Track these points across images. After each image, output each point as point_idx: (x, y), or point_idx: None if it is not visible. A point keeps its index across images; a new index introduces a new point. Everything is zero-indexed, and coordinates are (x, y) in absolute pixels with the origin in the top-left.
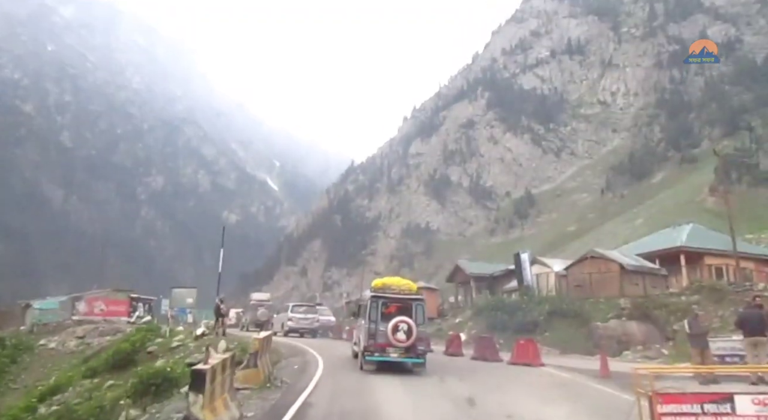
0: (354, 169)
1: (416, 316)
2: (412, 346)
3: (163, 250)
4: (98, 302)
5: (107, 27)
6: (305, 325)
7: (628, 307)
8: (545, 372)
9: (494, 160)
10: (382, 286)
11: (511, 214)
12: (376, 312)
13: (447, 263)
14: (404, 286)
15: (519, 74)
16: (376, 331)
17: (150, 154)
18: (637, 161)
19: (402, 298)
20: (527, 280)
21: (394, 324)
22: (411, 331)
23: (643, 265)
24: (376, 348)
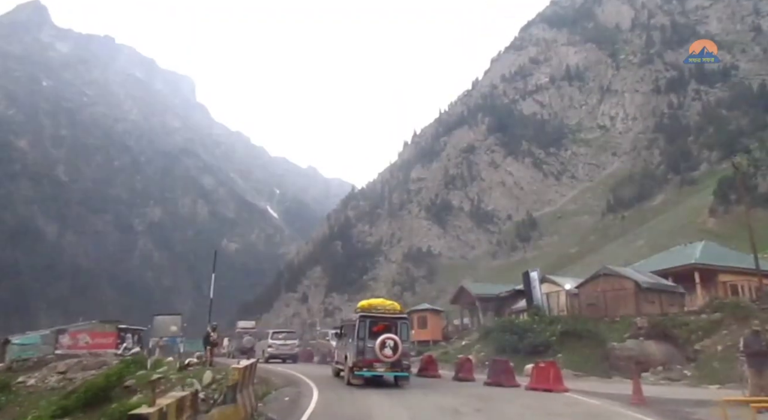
0: (355, 195)
1: (401, 334)
2: (398, 361)
3: (160, 282)
4: (83, 335)
5: (105, 61)
6: (285, 350)
7: (645, 327)
8: (571, 399)
9: (495, 184)
10: (368, 306)
11: (512, 237)
12: (365, 330)
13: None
14: (389, 307)
15: (519, 100)
16: (364, 348)
17: (148, 185)
18: (637, 184)
19: (388, 317)
20: (537, 300)
21: (381, 341)
22: (397, 347)
23: (659, 282)
24: (365, 364)
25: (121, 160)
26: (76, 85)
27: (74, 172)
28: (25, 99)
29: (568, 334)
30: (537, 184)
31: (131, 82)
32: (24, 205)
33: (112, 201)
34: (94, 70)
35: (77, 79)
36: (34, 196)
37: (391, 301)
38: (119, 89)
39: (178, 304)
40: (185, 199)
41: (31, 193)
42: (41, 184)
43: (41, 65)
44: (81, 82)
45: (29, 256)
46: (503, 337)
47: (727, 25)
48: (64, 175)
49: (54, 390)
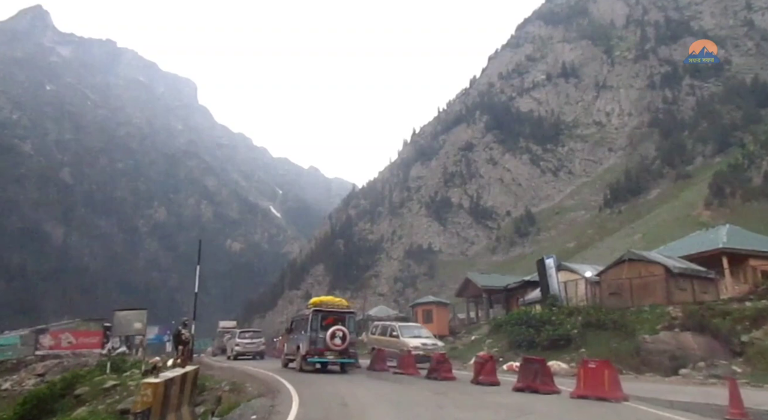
0: (355, 194)
1: (349, 326)
2: (346, 349)
3: (166, 282)
4: (65, 334)
5: (107, 65)
6: (251, 348)
7: (679, 316)
8: (640, 413)
9: (494, 180)
10: (320, 303)
11: (511, 232)
12: (317, 323)
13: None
14: (338, 303)
15: (516, 97)
16: (316, 339)
17: (152, 187)
18: (633, 178)
19: (337, 311)
20: (554, 289)
21: (332, 332)
22: (345, 337)
23: (689, 267)
24: (316, 352)
25: (125, 163)
26: (79, 89)
27: (79, 175)
28: (29, 103)
29: (591, 326)
30: (535, 180)
31: (134, 85)
32: (30, 208)
33: (116, 203)
34: (97, 74)
35: (80, 83)
36: (40, 199)
37: (339, 298)
38: (122, 93)
39: (183, 303)
40: (189, 200)
41: (37, 196)
42: (47, 187)
43: (44, 70)
44: (84, 86)
45: (36, 258)
46: (518, 330)
47: (720, 20)
48: (69, 178)
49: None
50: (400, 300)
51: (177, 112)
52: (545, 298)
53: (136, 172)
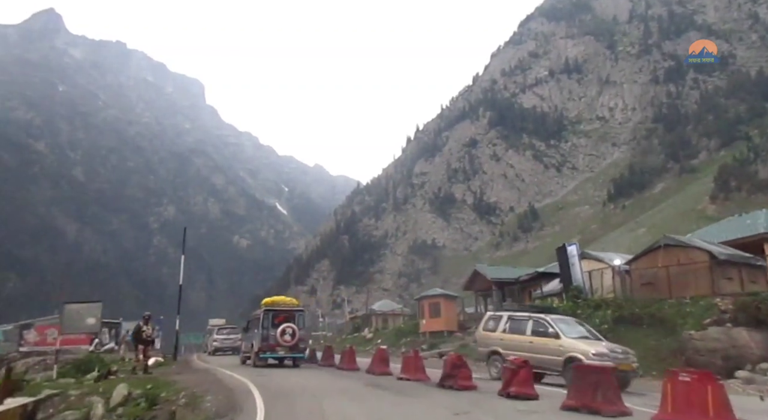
0: (360, 190)
1: (299, 323)
2: (296, 345)
3: (175, 277)
4: (51, 330)
5: (117, 66)
6: (228, 344)
7: (729, 309)
8: None
9: (497, 176)
10: (271, 302)
11: (515, 228)
12: (268, 321)
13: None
14: (288, 302)
15: (519, 94)
16: (268, 336)
17: (161, 185)
18: (637, 173)
19: (288, 310)
20: (577, 280)
21: (282, 329)
22: (295, 333)
23: (735, 253)
24: (268, 348)
25: (135, 161)
26: (90, 89)
27: (91, 173)
28: (42, 104)
29: (624, 321)
30: (538, 175)
31: (143, 85)
32: (44, 206)
33: (127, 200)
34: (107, 75)
35: (91, 84)
36: (53, 196)
37: (290, 297)
38: (131, 93)
39: (192, 298)
40: (197, 197)
41: (50, 193)
42: (60, 185)
43: (57, 71)
44: (95, 87)
45: (50, 254)
46: None
47: (724, 14)
48: (81, 176)
49: None
50: (405, 295)
51: (185, 111)
52: (567, 289)
53: (146, 170)
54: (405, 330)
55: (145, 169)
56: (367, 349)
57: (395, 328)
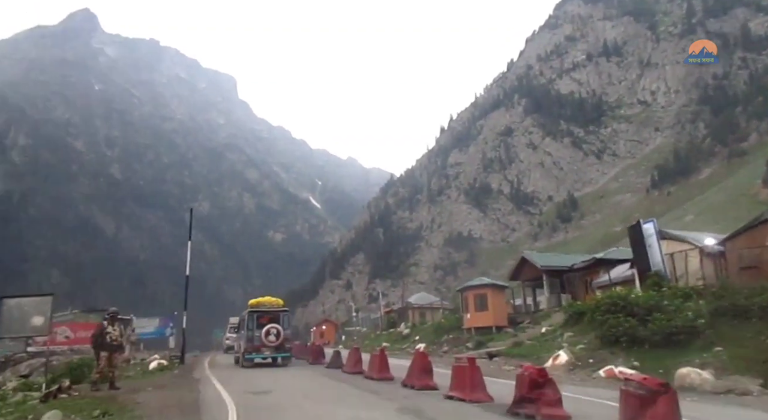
0: (394, 182)
1: (283, 323)
2: (281, 345)
3: (212, 273)
4: (62, 328)
5: (151, 64)
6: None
7: None
8: None
9: (534, 165)
10: (257, 303)
11: (554, 218)
12: (253, 322)
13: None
14: (274, 303)
15: (555, 79)
16: (253, 337)
17: (196, 181)
18: (682, 158)
19: (272, 310)
20: (656, 264)
21: (266, 330)
22: (279, 334)
23: None
24: (253, 349)
25: (170, 158)
26: (125, 87)
27: (128, 171)
28: (80, 103)
29: (725, 314)
30: (577, 163)
31: (176, 82)
32: (83, 203)
33: (163, 196)
34: (142, 73)
35: (126, 82)
36: (91, 194)
37: (276, 298)
38: (165, 90)
39: (229, 293)
40: (232, 192)
41: (89, 191)
42: (98, 183)
43: (93, 70)
44: (130, 85)
45: (90, 251)
46: (611, 320)
47: None
48: (118, 173)
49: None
50: (441, 288)
51: (218, 107)
52: (643, 275)
53: (181, 166)
54: (446, 325)
55: (180, 165)
56: (403, 348)
57: (435, 323)
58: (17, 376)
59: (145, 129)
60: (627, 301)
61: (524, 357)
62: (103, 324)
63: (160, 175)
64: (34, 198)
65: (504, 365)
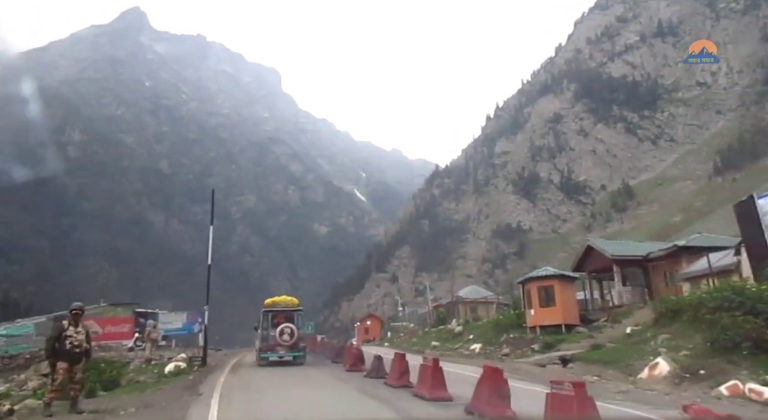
0: (439, 173)
1: (297, 323)
2: (295, 344)
3: (258, 266)
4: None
5: (198, 59)
6: None
7: None
8: None
9: (586, 153)
10: (272, 303)
11: (607, 207)
12: (267, 322)
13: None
14: (289, 302)
15: (607, 63)
16: (267, 336)
17: (242, 174)
18: (747, 142)
19: (286, 310)
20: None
21: (280, 329)
22: (293, 333)
23: None
24: (268, 348)
25: (216, 152)
26: (173, 83)
27: (176, 165)
28: (130, 99)
29: None
30: (632, 150)
31: (222, 77)
32: (134, 198)
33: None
34: (189, 68)
35: (174, 78)
36: (142, 189)
37: (291, 297)
38: (211, 84)
39: (274, 286)
40: (277, 185)
41: (139, 186)
42: (148, 178)
43: (143, 67)
44: (177, 81)
45: (141, 244)
46: (726, 320)
47: None
48: (167, 168)
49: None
50: (489, 281)
51: (263, 100)
52: (762, 261)
53: (227, 160)
54: (505, 323)
55: (226, 159)
56: (455, 348)
57: (491, 320)
58: (39, 374)
59: (192, 124)
60: (745, 296)
61: (608, 364)
62: (63, 324)
63: (206, 169)
64: (88, 193)
65: (585, 374)
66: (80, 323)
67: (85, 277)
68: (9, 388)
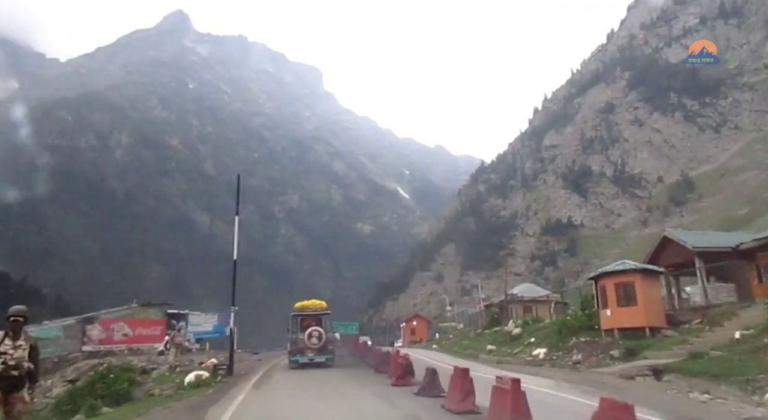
0: (485, 169)
1: (325, 326)
2: (323, 346)
3: (302, 266)
4: (119, 324)
5: (240, 59)
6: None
7: None
8: None
9: (641, 143)
10: (301, 307)
11: (665, 201)
12: (296, 325)
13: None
14: (317, 306)
15: (663, 48)
16: (296, 339)
17: (285, 174)
18: None
19: (314, 314)
20: None
21: (309, 332)
22: (321, 336)
23: None
24: (297, 351)
25: (259, 152)
26: (216, 84)
27: (220, 166)
28: (175, 101)
29: None
30: (691, 139)
31: (264, 77)
32: (180, 199)
33: (254, 191)
34: (231, 69)
35: (217, 79)
36: (187, 189)
37: (320, 301)
38: (253, 85)
39: (319, 286)
40: (319, 185)
41: (185, 187)
42: (193, 179)
43: (187, 69)
44: (220, 82)
45: (186, 245)
46: None
47: None
48: (211, 169)
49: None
50: (539, 279)
51: (304, 99)
52: None
53: (270, 160)
54: (572, 324)
55: (269, 159)
56: (515, 353)
57: (556, 321)
58: (65, 380)
59: (235, 124)
60: None
61: (718, 378)
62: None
63: (250, 169)
64: (136, 195)
65: (690, 391)
66: (21, 335)
67: (134, 278)
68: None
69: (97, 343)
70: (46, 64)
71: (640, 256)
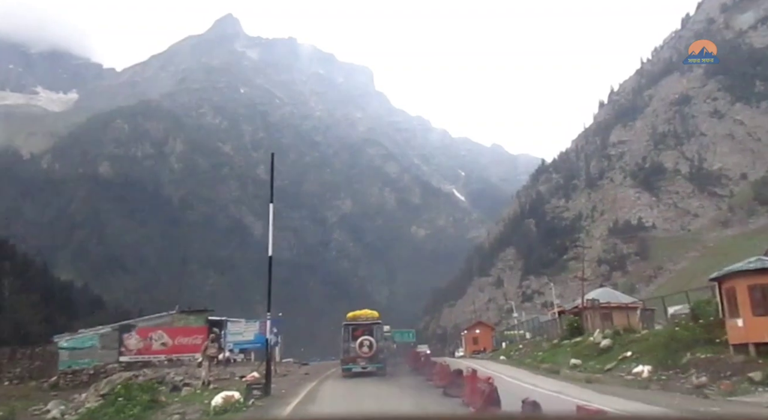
0: (545, 168)
1: (376, 335)
2: (374, 355)
3: (356, 271)
4: (158, 332)
5: (290, 62)
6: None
7: None
8: None
9: (721, 137)
10: (353, 317)
11: (749, 199)
12: (348, 335)
13: (669, 264)
14: (369, 315)
15: (747, 32)
16: (348, 348)
17: (336, 178)
18: None
19: (364, 323)
20: None
21: (359, 342)
22: (372, 345)
23: None
24: (349, 360)
25: (311, 156)
26: (267, 88)
27: None
28: (227, 107)
29: None
30: None
31: (314, 79)
32: (234, 205)
33: (306, 196)
34: (282, 72)
35: (267, 83)
36: (241, 196)
37: (371, 311)
38: (303, 87)
39: (373, 292)
40: (372, 188)
41: (238, 193)
42: (246, 185)
43: (238, 74)
44: (271, 85)
45: (241, 251)
46: None
47: None
48: (264, 174)
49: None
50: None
51: (355, 100)
52: None
53: (322, 164)
54: (684, 337)
55: (321, 163)
56: (607, 369)
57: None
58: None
59: (287, 129)
60: None
61: None
62: None
63: (302, 174)
64: (191, 202)
65: None
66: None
67: (191, 285)
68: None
69: (135, 353)
70: (103, 75)
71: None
